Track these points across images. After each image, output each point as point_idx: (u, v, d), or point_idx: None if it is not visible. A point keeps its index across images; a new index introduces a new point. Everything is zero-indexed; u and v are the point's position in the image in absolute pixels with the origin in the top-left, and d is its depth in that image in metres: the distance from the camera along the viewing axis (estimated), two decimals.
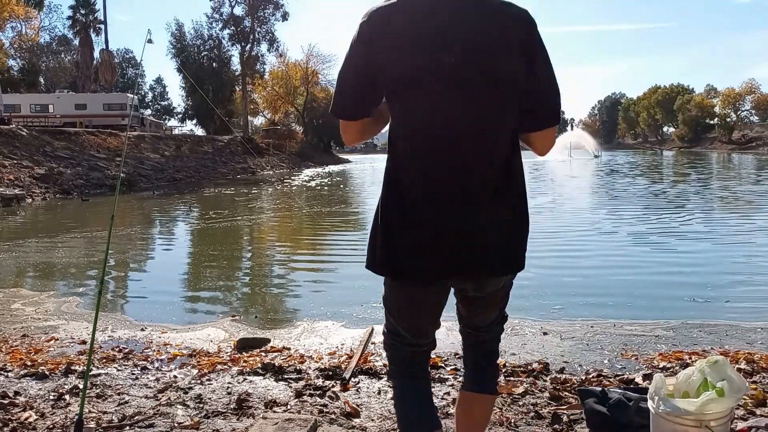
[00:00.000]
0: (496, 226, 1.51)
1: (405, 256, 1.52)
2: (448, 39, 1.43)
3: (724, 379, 1.94)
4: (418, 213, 1.48)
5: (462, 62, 1.42)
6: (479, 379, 1.78)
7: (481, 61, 1.44)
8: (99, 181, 23.52)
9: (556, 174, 31.17)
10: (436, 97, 1.45)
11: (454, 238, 1.48)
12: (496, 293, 1.67)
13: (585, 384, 3.03)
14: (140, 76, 72.97)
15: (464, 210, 1.47)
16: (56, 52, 59.11)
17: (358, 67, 1.49)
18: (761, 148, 57.07)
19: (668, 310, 5.03)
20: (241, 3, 51.17)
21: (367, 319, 4.79)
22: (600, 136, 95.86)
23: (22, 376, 3.31)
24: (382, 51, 1.45)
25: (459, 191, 1.47)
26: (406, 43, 1.44)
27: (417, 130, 1.49)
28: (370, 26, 1.47)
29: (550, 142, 1.58)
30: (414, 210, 1.49)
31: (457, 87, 1.44)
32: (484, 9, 1.47)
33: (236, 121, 55.82)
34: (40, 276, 7.43)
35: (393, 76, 1.46)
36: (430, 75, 1.43)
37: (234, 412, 2.76)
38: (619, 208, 13.59)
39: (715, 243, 8.60)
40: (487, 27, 1.46)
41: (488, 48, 1.45)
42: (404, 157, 1.51)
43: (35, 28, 41.38)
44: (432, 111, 1.46)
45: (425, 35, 1.44)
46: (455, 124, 1.45)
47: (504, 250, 1.55)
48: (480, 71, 1.44)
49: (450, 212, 1.47)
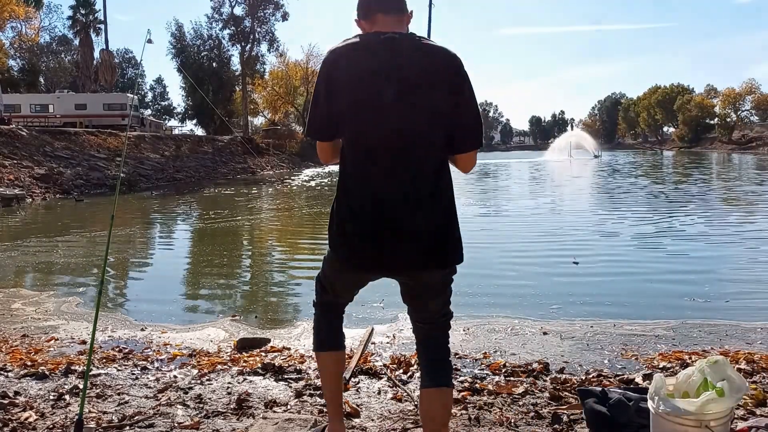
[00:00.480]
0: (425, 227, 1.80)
1: (349, 248, 1.87)
2: (389, 75, 1.76)
3: (724, 379, 1.94)
4: (359, 213, 1.82)
5: (399, 94, 1.76)
6: (434, 374, 1.97)
7: (416, 93, 1.77)
8: (99, 181, 23.53)
9: (556, 174, 31.18)
10: (377, 121, 1.78)
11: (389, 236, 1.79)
12: (434, 286, 1.95)
13: (585, 384, 3.03)
14: (140, 76, 72.93)
15: (397, 212, 1.79)
16: (56, 52, 59.08)
17: (321, 98, 1.83)
18: (761, 148, 57.04)
19: (668, 310, 5.03)
20: (241, 3, 51.15)
21: (367, 319, 4.79)
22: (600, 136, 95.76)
23: (22, 376, 3.31)
24: (337, 84, 1.80)
25: (394, 197, 1.78)
26: (355, 79, 1.79)
27: (360, 148, 1.82)
28: (328, 64, 1.83)
29: (472, 162, 1.92)
30: (355, 210, 1.82)
31: (394, 114, 1.77)
32: (419, 50, 1.80)
33: (236, 121, 55.79)
34: (40, 276, 7.43)
35: (345, 104, 1.80)
36: (373, 104, 1.77)
37: (234, 412, 2.76)
38: (619, 209, 13.59)
39: (715, 243, 8.60)
40: (422, 65, 1.78)
41: (422, 82, 1.77)
42: (350, 168, 1.84)
43: (35, 28, 41.38)
44: (373, 133, 1.79)
45: (369, 71, 1.78)
46: (392, 144, 1.77)
47: (434, 248, 1.83)
48: (414, 101, 1.77)
49: (384, 213, 1.79)
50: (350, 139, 1.83)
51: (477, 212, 13.97)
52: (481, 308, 5.20)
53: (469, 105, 1.82)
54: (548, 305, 5.24)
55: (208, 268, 7.92)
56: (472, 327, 4.54)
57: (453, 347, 3.96)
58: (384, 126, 1.78)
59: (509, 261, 7.58)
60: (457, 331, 4.44)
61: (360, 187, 1.82)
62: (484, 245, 9.13)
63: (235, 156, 39.13)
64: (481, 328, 4.52)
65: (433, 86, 1.77)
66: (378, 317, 4.85)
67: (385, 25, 1.84)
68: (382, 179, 1.79)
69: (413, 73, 1.77)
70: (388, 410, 2.73)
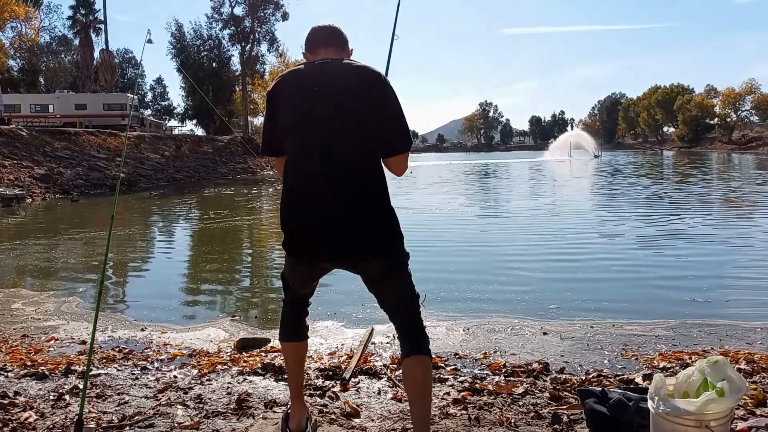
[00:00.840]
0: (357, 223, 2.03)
1: (292, 243, 2.15)
2: (322, 91, 2.07)
3: (724, 379, 1.94)
4: (297, 212, 2.09)
5: (332, 108, 2.05)
6: (412, 344, 2.16)
7: (346, 107, 2.05)
8: (99, 181, 23.53)
9: (556, 174, 31.18)
10: (312, 132, 2.06)
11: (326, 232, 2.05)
12: (383, 275, 2.14)
13: (585, 384, 3.03)
14: (140, 76, 72.99)
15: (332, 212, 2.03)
16: (56, 52, 59.08)
17: (267, 119, 2.20)
18: (761, 148, 57.02)
19: (668, 310, 5.03)
20: (241, 3, 51.14)
21: (367, 319, 4.79)
22: (600, 136, 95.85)
23: (22, 376, 3.31)
24: (279, 104, 2.15)
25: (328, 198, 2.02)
26: (293, 97, 2.11)
27: (299, 156, 2.10)
28: (273, 90, 2.17)
29: (404, 164, 2.16)
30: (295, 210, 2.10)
31: (327, 125, 2.05)
32: (348, 70, 2.11)
33: (236, 121, 55.79)
34: (40, 276, 7.43)
35: (286, 121, 2.12)
36: (309, 117, 2.07)
37: (234, 412, 2.76)
38: (620, 209, 13.59)
39: (716, 243, 8.60)
40: (351, 82, 2.08)
41: (351, 96, 2.06)
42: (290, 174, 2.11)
43: (35, 28, 41.32)
44: (309, 142, 2.07)
45: (305, 89, 2.10)
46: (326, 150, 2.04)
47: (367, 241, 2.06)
48: (345, 113, 2.05)
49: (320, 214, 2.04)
50: (291, 149, 2.13)
51: (476, 212, 13.97)
52: (481, 308, 5.21)
53: (395, 113, 2.08)
54: (548, 305, 5.24)
55: (208, 268, 7.92)
56: (472, 327, 4.54)
57: (453, 347, 3.99)
58: (318, 136, 2.05)
59: (509, 261, 7.58)
60: (457, 331, 4.45)
61: (299, 191, 2.09)
62: (484, 245, 9.13)
63: (235, 156, 39.14)
64: (481, 328, 4.52)
65: (361, 99, 2.06)
66: (378, 317, 4.84)
67: (325, 56, 2.16)
68: (318, 183, 2.05)
69: (342, 89, 2.07)
70: (388, 410, 2.73)
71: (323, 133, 2.05)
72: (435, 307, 5.10)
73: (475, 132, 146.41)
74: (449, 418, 2.64)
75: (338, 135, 2.05)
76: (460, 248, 8.90)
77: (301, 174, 2.09)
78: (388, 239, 2.11)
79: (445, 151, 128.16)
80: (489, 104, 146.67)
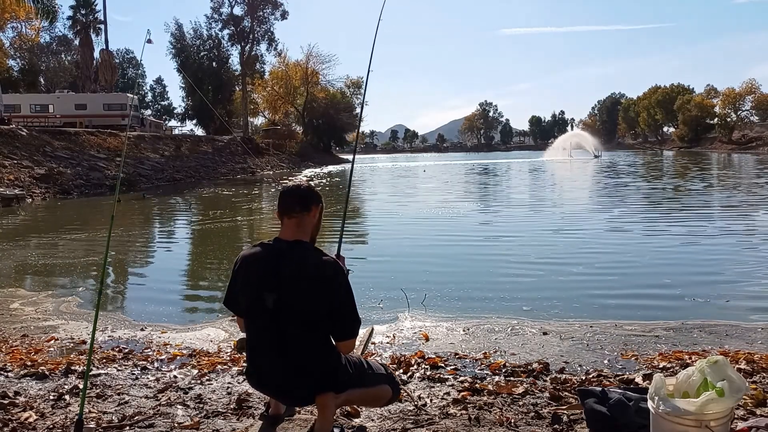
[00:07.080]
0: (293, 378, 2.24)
1: (250, 378, 2.41)
2: (271, 283, 2.20)
3: (724, 379, 1.94)
4: (252, 374, 2.36)
5: (281, 298, 2.18)
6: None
7: (296, 296, 2.18)
8: (99, 181, 23.52)
9: (556, 174, 31.17)
10: (260, 322, 2.25)
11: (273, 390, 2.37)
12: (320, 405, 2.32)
13: (585, 384, 3.03)
14: (140, 76, 73.02)
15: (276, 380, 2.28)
16: (56, 52, 59.05)
17: (231, 284, 2.38)
18: (761, 148, 57.00)
19: (668, 310, 5.03)
20: (240, 2, 51.17)
21: (367, 320, 4.77)
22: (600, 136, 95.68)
23: (22, 376, 3.31)
24: (238, 283, 2.33)
25: (275, 372, 2.26)
26: (246, 284, 2.29)
27: (251, 334, 2.32)
28: (236, 266, 2.34)
29: (351, 346, 2.32)
30: (250, 371, 2.38)
31: (274, 317, 2.19)
32: (300, 258, 2.22)
33: (236, 121, 55.80)
34: (39, 276, 7.42)
35: (242, 300, 2.32)
36: (257, 307, 2.23)
37: (234, 412, 2.76)
38: (620, 209, 13.58)
39: (716, 243, 8.59)
40: (302, 271, 2.19)
41: (301, 286, 2.18)
42: (248, 342, 2.35)
43: (35, 28, 41.27)
44: (258, 328, 2.27)
45: (256, 278, 2.25)
46: (273, 339, 2.22)
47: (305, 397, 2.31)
48: (293, 304, 2.18)
49: (263, 380, 2.33)
50: (246, 328, 2.35)
51: (476, 212, 13.97)
52: (481, 308, 5.20)
53: (344, 305, 2.23)
54: (548, 305, 5.23)
55: (208, 268, 7.92)
56: (472, 327, 4.54)
57: (453, 347, 3.99)
58: (265, 327, 2.23)
59: (509, 261, 7.58)
60: (457, 331, 4.45)
61: (251, 360, 2.36)
62: (484, 245, 9.13)
63: (235, 156, 39.12)
64: (481, 328, 4.52)
65: (310, 293, 2.18)
66: (378, 317, 4.84)
67: (287, 228, 2.31)
68: (266, 360, 2.27)
69: (293, 282, 2.18)
70: (388, 410, 2.73)
71: (271, 328, 2.22)
72: (435, 307, 5.10)
73: (475, 132, 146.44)
74: (449, 418, 2.64)
75: (284, 329, 2.20)
76: (460, 248, 8.89)
77: (252, 351, 2.34)
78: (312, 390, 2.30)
79: (445, 151, 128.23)
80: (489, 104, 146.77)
